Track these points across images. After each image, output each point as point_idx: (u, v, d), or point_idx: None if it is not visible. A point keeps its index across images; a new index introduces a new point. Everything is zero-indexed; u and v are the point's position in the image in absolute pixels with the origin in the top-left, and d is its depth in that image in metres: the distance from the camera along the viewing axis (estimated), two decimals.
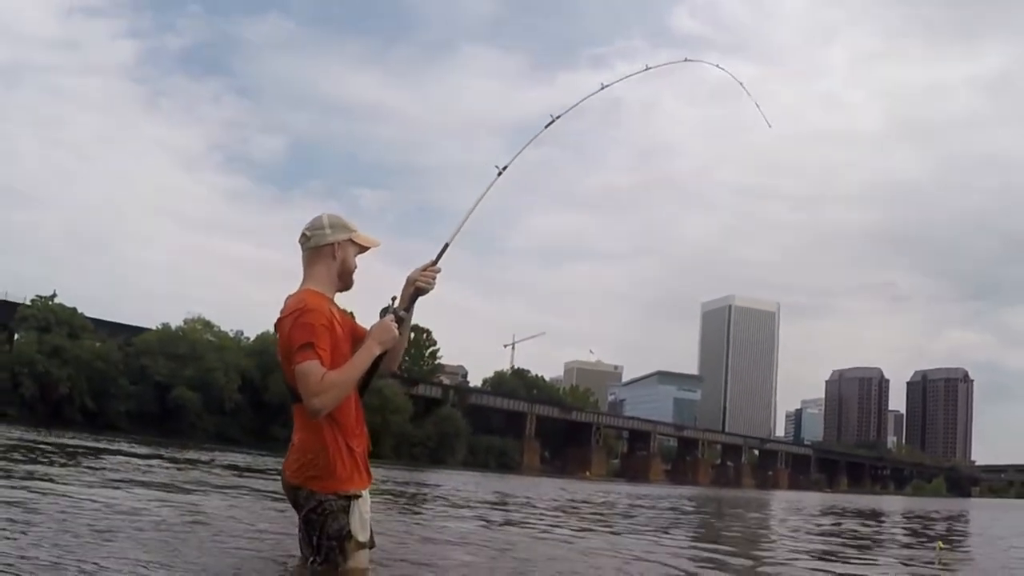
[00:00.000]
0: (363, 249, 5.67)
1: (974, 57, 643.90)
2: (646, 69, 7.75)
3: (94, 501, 10.67)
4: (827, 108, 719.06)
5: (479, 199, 6.06)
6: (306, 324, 5.09)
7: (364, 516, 5.31)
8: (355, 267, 5.60)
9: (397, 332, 5.43)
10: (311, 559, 5.27)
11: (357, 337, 5.45)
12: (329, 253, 5.48)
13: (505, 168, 6.30)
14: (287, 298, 5.36)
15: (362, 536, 5.26)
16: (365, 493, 5.36)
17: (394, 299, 5.63)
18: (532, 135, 6.70)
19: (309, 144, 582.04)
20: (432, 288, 5.71)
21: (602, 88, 7.18)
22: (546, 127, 6.73)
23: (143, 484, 14.41)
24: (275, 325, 5.37)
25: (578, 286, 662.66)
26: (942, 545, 9.60)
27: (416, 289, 5.64)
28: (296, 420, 5.35)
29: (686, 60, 8.50)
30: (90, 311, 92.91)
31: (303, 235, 5.54)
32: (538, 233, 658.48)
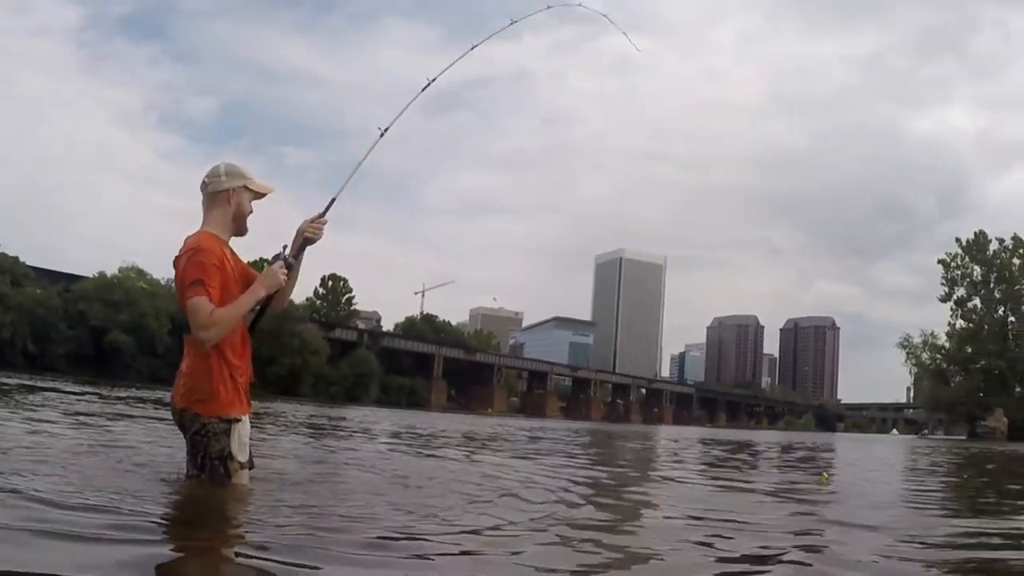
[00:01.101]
0: (259, 195, 5.79)
1: (848, 38, 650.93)
2: (511, 23, 7.81)
3: (12, 424, 10.82)
4: (714, 81, 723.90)
5: (362, 159, 6.40)
6: (199, 263, 5.27)
7: (243, 439, 5.50)
8: (250, 212, 5.73)
9: (283, 277, 5.64)
10: (198, 476, 5.50)
11: (248, 280, 5.63)
12: (224, 199, 5.60)
13: (387, 129, 6.51)
14: (186, 238, 5.50)
15: (241, 457, 5.46)
16: (245, 418, 5.56)
17: (285, 247, 5.82)
18: (415, 96, 6.83)
19: (240, 106, 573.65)
20: (320, 238, 5.93)
21: (472, 48, 7.36)
22: (423, 90, 6.87)
23: (66, 414, 14.24)
24: (173, 262, 5.50)
25: (485, 239, 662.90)
26: (825, 476, 10.62)
27: (304, 239, 5.86)
28: (185, 349, 5.55)
29: (548, 8, 8.35)
30: (31, 260, 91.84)
31: (202, 182, 5.67)
32: (452, 191, 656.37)
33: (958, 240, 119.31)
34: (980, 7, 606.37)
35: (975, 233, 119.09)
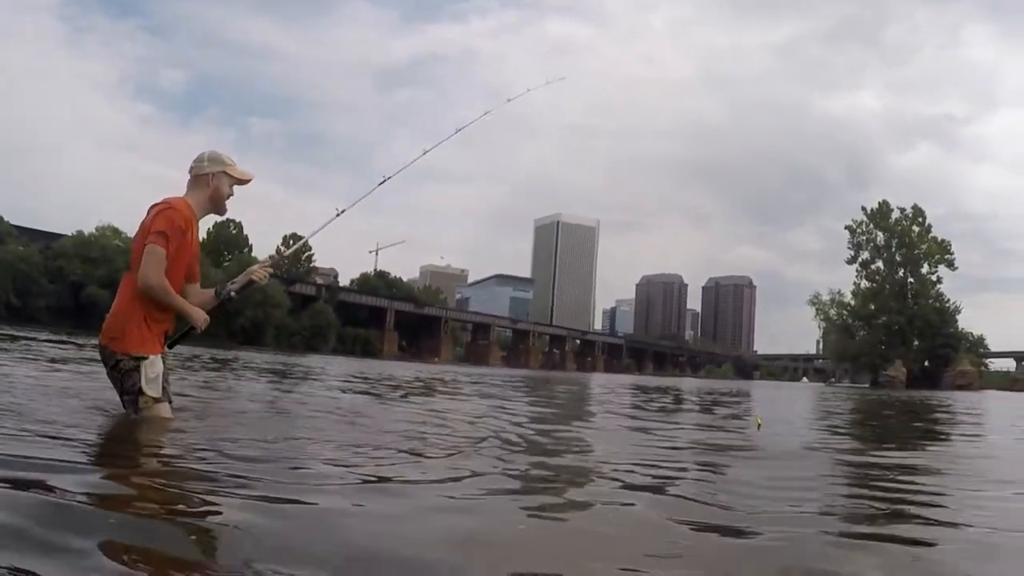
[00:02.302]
0: (240, 182, 5.97)
1: (770, 25, 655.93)
2: (457, 132, 8.40)
3: None
4: (646, 63, 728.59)
5: (319, 229, 6.91)
6: (169, 218, 5.52)
7: (152, 376, 5.53)
8: (228, 194, 5.91)
9: (204, 324, 5.76)
10: (128, 411, 5.63)
11: (196, 256, 5.94)
12: (204, 182, 5.80)
13: (344, 211, 6.95)
14: (168, 197, 5.73)
15: (151, 392, 5.53)
16: (155, 358, 5.60)
17: (233, 282, 6.09)
18: (368, 192, 7.36)
19: (210, 78, 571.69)
20: (265, 282, 6.28)
21: (424, 153, 7.92)
22: (379, 184, 7.39)
23: (37, 360, 13.91)
24: (148, 208, 5.73)
25: (435, 204, 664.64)
26: (759, 419, 10.66)
27: (251, 280, 6.12)
28: (119, 289, 5.75)
29: (486, 113, 8.69)
30: (14, 219, 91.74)
31: (190, 166, 5.88)
32: (403, 157, 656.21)
33: (864, 209, 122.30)
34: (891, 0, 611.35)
35: (879, 203, 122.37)
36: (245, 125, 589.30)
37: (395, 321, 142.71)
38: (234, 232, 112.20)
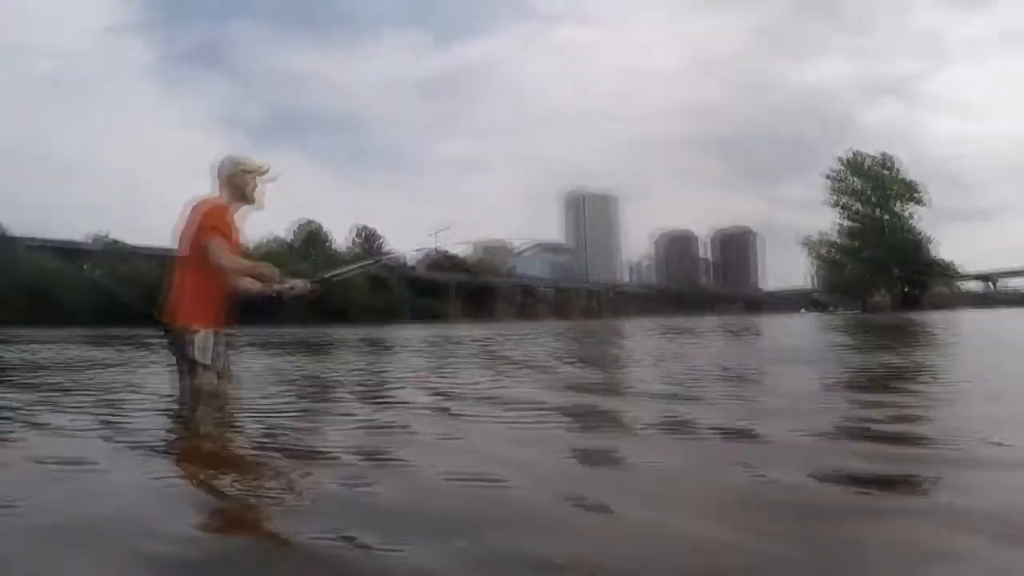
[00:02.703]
0: (258, 173, 5.81)
1: (747, 8, 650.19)
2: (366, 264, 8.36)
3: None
4: (645, 54, 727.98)
5: (347, 272, 6.86)
6: (220, 216, 5.55)
7: (202, 347, 5.48)
8: (253, 187, 5.77)
9: (272, 288, 5.72)
10: (182, 378, 5.60)
11: (235, 245, 5.72)
12: (229, 182, 5.71)
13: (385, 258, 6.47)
14: (205, 198, 5.66)
15: (202, 359, 5.48)
16: (207, 331, 5.53)
17: (284, 283, 5.83)
18: (366, 264, 6.83)
19: (282, 108, 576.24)
20: (306, 294, 5.87)
21: (377, 261, 7.05)
22: (376, 262, 6.60)
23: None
24: (193, 207, 5.60)
25: (478, 191, 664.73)
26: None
27: (293, 287, 5.82)
28: (176, 275, 5.63)
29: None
30: (138, 242, 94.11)
31: (216, 172, 5.77)
32: (447, 156, 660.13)
33: (840, 159, 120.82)
34: None
35: (853, 152, 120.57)
36: (312, 143, 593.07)
37: (456, 291, 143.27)
38: (315, 230, 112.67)
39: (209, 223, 5.47)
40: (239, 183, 5.74)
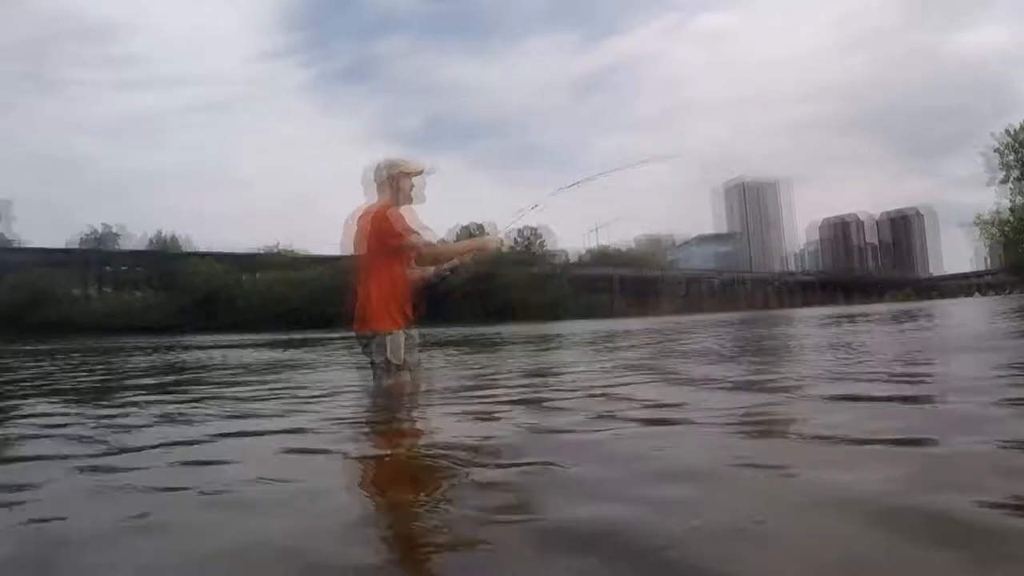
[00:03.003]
0: (415, 174, 5.82)
1: None
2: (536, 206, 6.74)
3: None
4: (790, 35, 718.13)
5: (509, 224, 6.81)
6: (400, 218, 5.55)
7: (394, 347, 5.54)
8: (411, 187, 5.78)
9: (492, 244, 6.05)
10: (377, 380, 5.66)
11: None
12: (387, 185, 5.73)
13: (535, 206, 6.50)
14: (370, 206, 5.73)
15: (394, 359, 5.54)
16: (398, 332, 5.59)
17: (443, 267, 5.98)
18: (523, 212, 6.47)
19: (436, 116, 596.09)
20: (466, 264, 6.04)
21: (535, 206, 6.57)
22: (531, 208, 6.51)
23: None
24: (370, 218, 5.63)
25: (636, 184, 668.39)
26: None
27: (456, 266, 5.97)
28: (361, 284, 5.73)
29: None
30: (306, 251, 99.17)
31: (373, 176, 5.82)
32: (604, 150, 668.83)
33: (1007, 131, 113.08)
34: None
35: (1020, 124, 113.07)
36: (470, 148, 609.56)
37: (620, 285, 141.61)
38: (477, 233, 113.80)
39: (398, 226, 5.55)
40: (398, 185, 5.75)
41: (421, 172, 5.87)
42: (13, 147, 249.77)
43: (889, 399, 4.41)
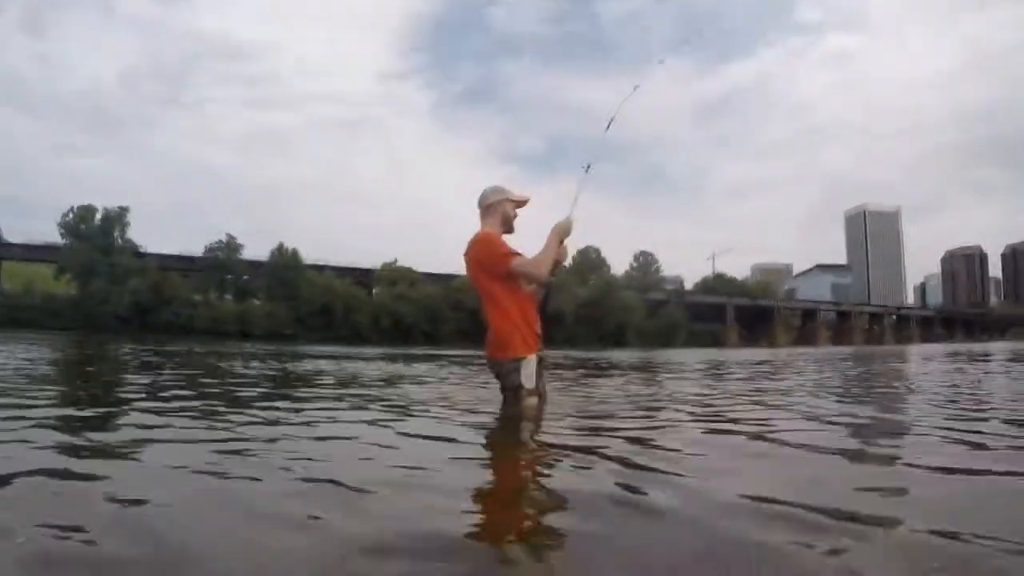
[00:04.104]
0: (520, 204, 5.85)
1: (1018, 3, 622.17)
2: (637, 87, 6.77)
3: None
4: (916, 58, 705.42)
5: (577, 193, 6.15)
6: (502, 242, 5.53)
7: (527, 372, 5.47)
8: (514, 216, 5.80)
9: (565, 228, 5.70)
10: (508, 404, 5.53)
11: None
12: (494, 210, 5.74)
13: (589, 166, 6.40)
14: (477, 234, 5.64)
15: (528, 384, 5.46)
16: (531, 357, 5.50)
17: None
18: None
19: (557, 137, 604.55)
20: (565, 259, 5.85)
21: (635, 88, 6.70)
22: (608, 127, 6.63)
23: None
24: (471, 245, 5.60)
25: (756, 212, 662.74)
26: None
27: (556, 263, 5.69)
28: (487, 312, 5.61)
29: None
30: (420, 268, 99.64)
31: (478, 200, 5.84)
32: (725, 178, 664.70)
33: None
34: None
35: None
36: (592, 171, 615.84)
37: (734, 315, 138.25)
38: (594, 256, 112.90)
39: (501, 251, 5.48)
40: (504, 211, 5.78)
41: (526, 202, 5.86)
42: (151, 159, 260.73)
43: None
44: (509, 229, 5.85)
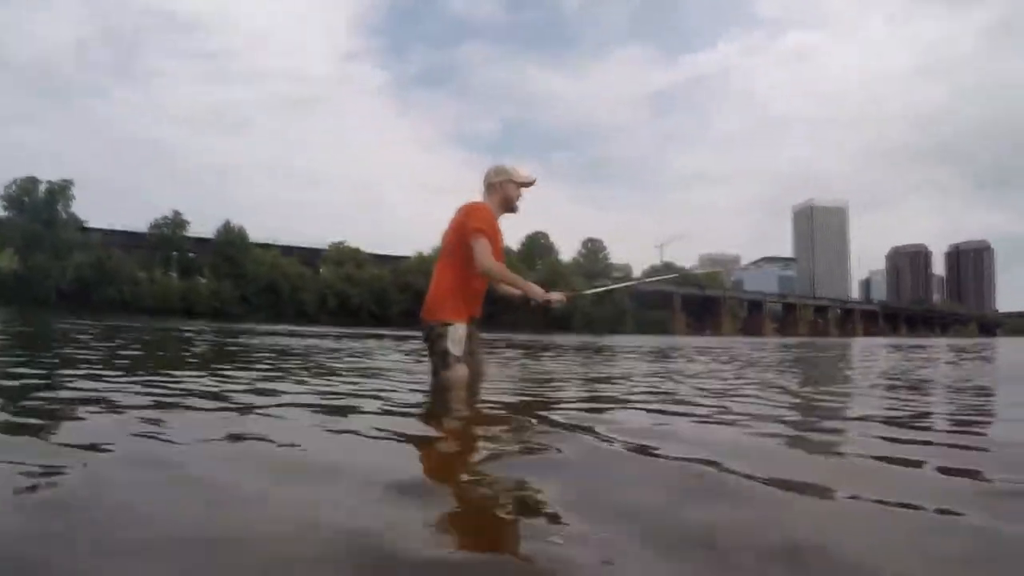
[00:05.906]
0: (524, 184, 5.77)
1: (979, 7, 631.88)
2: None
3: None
4: (869, 57, 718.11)
5: (602, 289, 6.65)
6: (482, 218, 5.46)
7: (456, 339, 5.43)
8: (517, 196, 5.75)
9: (544, 295, 5.69)
10: (435, 370, 5.55)
11: (499, 247, 5.69)
12: (495, 189, 5.70)
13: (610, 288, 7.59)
14: (471, 201, 5.63)
15: (454, 351, 5.42)
16: (460, 324, 5.47)
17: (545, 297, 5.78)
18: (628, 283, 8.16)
19: (512, 124, 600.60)
20: (558, 306, 5.92)
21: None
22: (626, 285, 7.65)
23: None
24: (461, 207, 5.61)
25: (705, 203, 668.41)
26: None
27: (548, 301, 5.76)
28: (434, 274, 5.62)
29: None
30: (368, 248, 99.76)
31: (483, 179, 5.77)
32: (677, 168, 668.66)
33: None
34: None
35: None
36: (546, 157, 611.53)
37: (681, 303, 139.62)
38: (543, 242, 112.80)
39: (475, 224, 5.42)
40: (506, 191, 5.73)
41: (532, 183, 5.80)
42: (99, 131, 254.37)
43: None
44: (510, 209, 5.82)
